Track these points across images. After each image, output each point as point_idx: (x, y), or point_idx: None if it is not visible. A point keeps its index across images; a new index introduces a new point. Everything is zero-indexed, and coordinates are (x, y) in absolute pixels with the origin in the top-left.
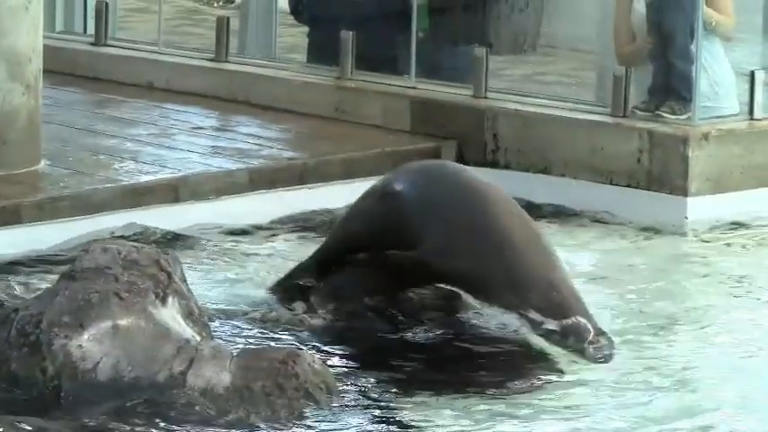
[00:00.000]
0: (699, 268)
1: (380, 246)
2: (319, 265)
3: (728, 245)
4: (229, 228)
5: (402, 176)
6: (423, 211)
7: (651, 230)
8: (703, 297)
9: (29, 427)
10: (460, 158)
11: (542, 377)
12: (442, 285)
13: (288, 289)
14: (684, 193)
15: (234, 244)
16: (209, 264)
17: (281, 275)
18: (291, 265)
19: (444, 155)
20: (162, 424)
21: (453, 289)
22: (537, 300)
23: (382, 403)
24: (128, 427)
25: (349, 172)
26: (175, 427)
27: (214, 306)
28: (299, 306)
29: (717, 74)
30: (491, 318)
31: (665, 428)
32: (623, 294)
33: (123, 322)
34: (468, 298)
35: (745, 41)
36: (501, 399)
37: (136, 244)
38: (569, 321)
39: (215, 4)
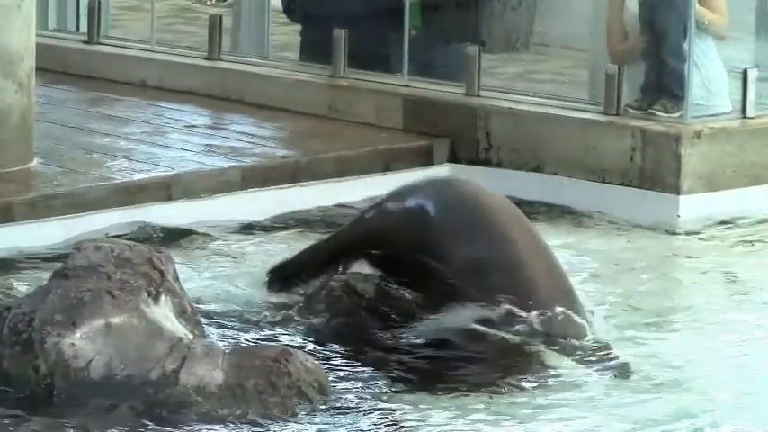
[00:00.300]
0: (691, 266)
1: (393, 251)
2: (319, 262)
3: (721, 243)
4: (222, 226)
5: (428, 194)
6: (450, 238)
7: (643, 229)
8: (696, 295)
9: (21, 426)
10: (453, 157)
11: (542, 377)
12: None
13: (282, 286)
14: (677, 191)
15: (226, 242)
16: (201, 262)
17: (277, 264)
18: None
19: (437, 153)
20: (154, 422)
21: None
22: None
23: (375, 402)
24: (120, 426)
25: (342, 170)
26: (168, 426)
27: (207, 304)
28: (294, 304)
29: (709, 72)
30: (490, 317)
31: (665, 428)
32: (616, 292)
33: (116, 320)
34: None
35: (737, 40)
36: (500, 399)
37: (128, 242)
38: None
39: (208, 3)
